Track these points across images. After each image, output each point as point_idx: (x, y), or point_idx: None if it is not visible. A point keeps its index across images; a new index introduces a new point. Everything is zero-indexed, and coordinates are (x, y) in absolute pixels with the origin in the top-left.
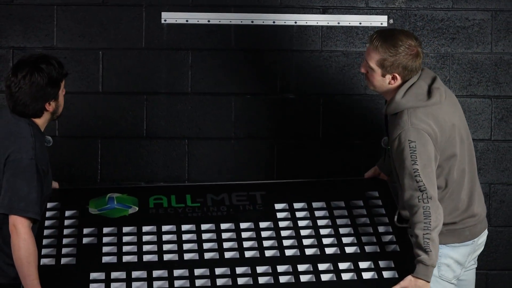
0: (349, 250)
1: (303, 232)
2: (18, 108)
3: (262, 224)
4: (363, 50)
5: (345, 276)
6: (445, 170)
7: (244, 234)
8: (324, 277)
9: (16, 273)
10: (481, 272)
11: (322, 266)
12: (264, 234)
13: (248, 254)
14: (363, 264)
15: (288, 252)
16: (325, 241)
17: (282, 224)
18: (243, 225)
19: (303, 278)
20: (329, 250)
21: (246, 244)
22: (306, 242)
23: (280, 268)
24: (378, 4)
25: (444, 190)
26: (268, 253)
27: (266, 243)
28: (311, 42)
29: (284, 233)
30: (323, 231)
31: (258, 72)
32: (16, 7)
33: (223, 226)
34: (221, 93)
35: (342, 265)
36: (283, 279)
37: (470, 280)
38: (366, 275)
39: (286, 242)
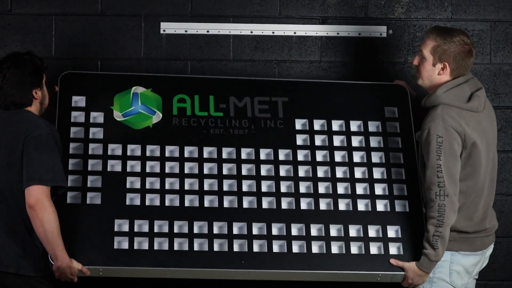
0: (361, 205)
1: (319, 171)
2: (8, 99)
3: (281, 154)
4: (362, 60)
5: (354, 247)
6: (470, 178)
7: (263, 169)
8: (334, 246)
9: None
10: (481, 283)
11: (333, 229)
12: (282, 170)
13: (264, 203)
14: (372, 230)
15: (303, 204)
16: (339, 188)
17: (300, 155)
18: (262, 154)
19: (314, 247)
20: (342, 204)
21: (263, 185)
22: (321, 188)
23: (294, 228)
24: (377, 15)
25: (466, 197)
26: (284, 204)
27: (283, 186)
28: (310, 53)
29: (301, 169)
30: (338, 172)
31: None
32: (15, 16)
33: (243, 152)
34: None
35: (352, 229)
36: (295, 245)
37: None
38: (373, 248)
39: (302, 187)
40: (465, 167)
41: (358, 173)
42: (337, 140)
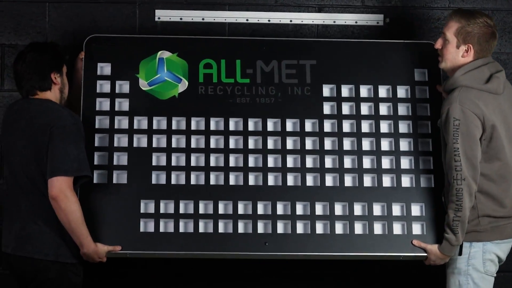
0: (386, 181)
1: (345, 144)
2: (28, 84)
3: (307, 124)
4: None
5: (377, 226)
6: (493, 161)
7: (289, 142)
8: (358, 225)
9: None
10: None
11: (357, 207)
12: (308, 143)
13: (290, 180)
14: (396, 208)
15: (328, 180)
16: (365, 162)
17: (326, 125)
18: (288, 125)
19: (338, 226)
20: (367, 179)
21: (289, 160)
22: (346, 162)
23: (318, 206)
24: (374, 3)
25: (492, 181)
26: (308, 181)
27: (308, 160)
28: None
29: (327, 143)
30: (365, 143)
31: None
32: (7, 3)
33: (270, 123)
34: None
35: (376, 207)
36: (318, 225)
37: None
38: (397, 227)
39: (327, 161)
40: (486, 150)
41: (385, 144)
42: (364, 107)
